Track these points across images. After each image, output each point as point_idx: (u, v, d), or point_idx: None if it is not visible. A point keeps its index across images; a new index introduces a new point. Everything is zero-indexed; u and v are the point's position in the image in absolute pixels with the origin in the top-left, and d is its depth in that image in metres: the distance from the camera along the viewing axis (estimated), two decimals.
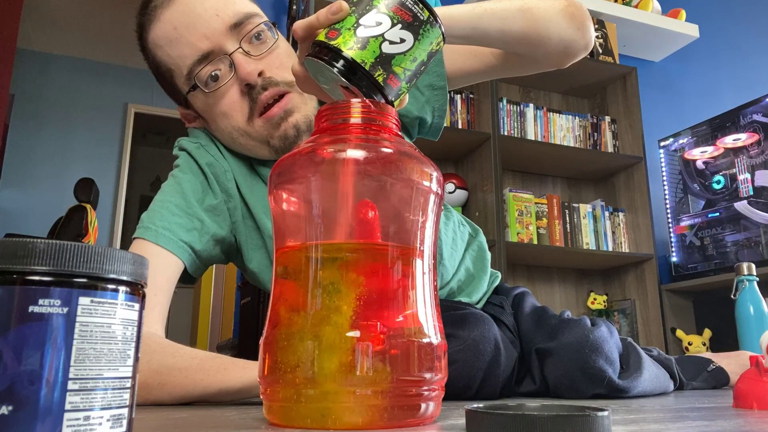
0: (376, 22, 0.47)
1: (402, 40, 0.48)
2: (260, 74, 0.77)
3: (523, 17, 0.76)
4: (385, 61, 0.47)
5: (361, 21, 0.48)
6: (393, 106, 0.50)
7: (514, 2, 0.77)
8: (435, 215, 0.45)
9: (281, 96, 0.79)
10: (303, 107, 0.81)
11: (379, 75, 0.47)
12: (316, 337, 0.40)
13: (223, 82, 0.78)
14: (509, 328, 0.87)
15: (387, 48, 0.48)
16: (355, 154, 0.42)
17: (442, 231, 0.94)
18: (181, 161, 0.85)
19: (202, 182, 0.83)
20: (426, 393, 0.41)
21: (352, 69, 0.47)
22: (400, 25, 0.48)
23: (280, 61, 0.80)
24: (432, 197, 0.45)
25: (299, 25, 0.54)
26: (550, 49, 0.81)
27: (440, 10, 0.68)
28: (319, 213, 0.42)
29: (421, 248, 0.44)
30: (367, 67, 0.47)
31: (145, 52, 0.83)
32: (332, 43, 0.48)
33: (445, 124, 0.93)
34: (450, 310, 0.76)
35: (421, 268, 0.44)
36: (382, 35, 0.48)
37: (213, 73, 0.77)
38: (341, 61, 0.47)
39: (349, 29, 0.48)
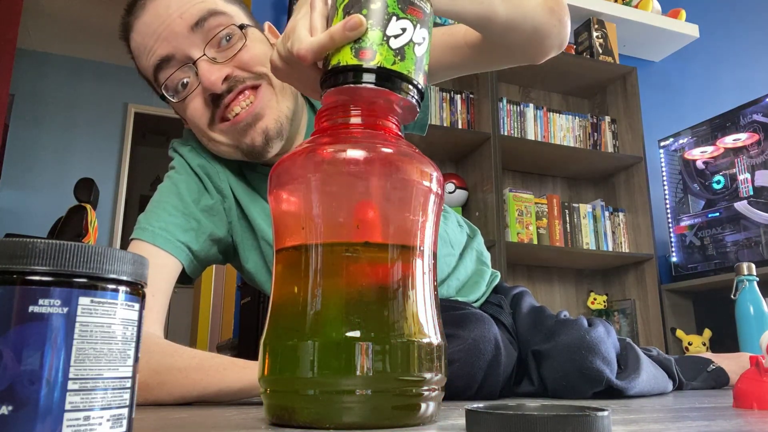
0: (401, 28, 0.45)
1: (423, 39, 0.47)
2: (225, 78, 0.74)
3: (501, 2, 0.73)
4: (419, 64, 0.47)
5: (387, 32, 0.45)
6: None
7: None
8: (435, 215, 0.45)
9: (253, 88, 0.76)
10: (275, 108, 0.78)
11: (420, 78, 0.47)
12: (316, 337, 0.40)
13: (190, 91, 0.76)
14: (507, 328, 0.87)
15: (417, 51, 0.47)
16: (355, 154, 0.42)
17: (440, 229, 0.94)
18: (176, 163, 0.85)
19: (197, 183, 0.83)
20: (426, 393, 0.41)
21: (404, 84, 0.46)
22: (419, 25, 0.47)
23: (250, 56, 0.76)
24: (432, 197, 0.45)
25: (306, 48, 0.47)
26: (523, 39, 0.77)
27: None
28: (319, 213, 0.42)
29: (421, 248, 0.44)
30: (412, 76, 0.46)
31: (134, 61, 0.82)
32: (373, 63, 0.44)
33: (445, 124, 0.93)
34: (450, 310, 0.76)
35: (421, 268, 0.43)
36: (411, 40, 0.46)
37: (184, 81, 0.76)
38: (392, 80, 0.45)
39: (381, 44, 0.45)
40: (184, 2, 0.74)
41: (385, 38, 0.45)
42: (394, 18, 0.45)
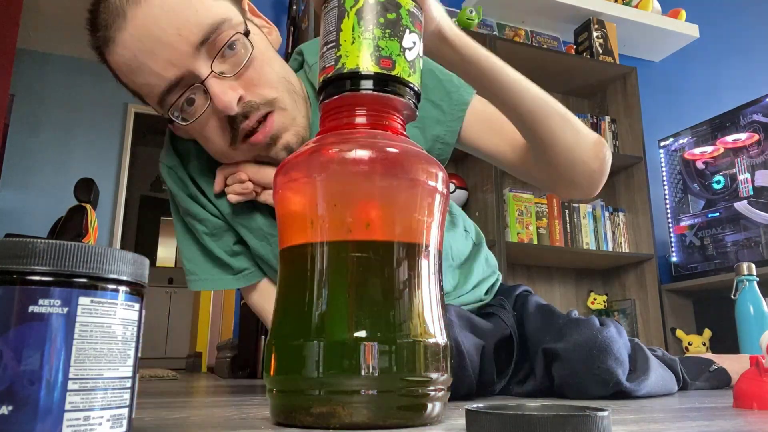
0: (413, 42, 0.46)
1: (423, 53, 0.49)
2: (240, 99, 0.69)
3: (555, 109, 0.76)
4: (421, 78, 0.48)
5: (403, 44, 0.46)
6: None
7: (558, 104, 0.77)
8: (441, 215, 0.45)
9: (265, 116, 0.72)
10: (291, 124, 0.74)
11: (420, 89, 0.48)
12: (322, 337, 0.40)
13: (201, 112, 0.70)
14: (508, 326, 0.86)
15: (421, 64, 0.48)
16: (361, 153, 0.42)
17: (448, 239, 0.94)
18: (172, 199, 0.87)
19: (198, 208, 0.83)
20: (432, 393, 0.41)
21: (417, 98, 0.47)
22: (420, 39, 0.48)
23: (258, 75, 0.71)
24: (438, 197, 0.45)
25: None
26: (561, 157, 0.77)
27: (468, 42, 0.67)
28: (325, 213, 0.42)
29: (427, 248, 0.44)
30: (419, 91, 0.47)
31: (111, 71, 0.73)
32: (394, 73, 0.45)
33: None
34: None
35: (427, 268, 0.43)
36: (419, 54, 0.47)
37: (189, 98, 0.69)
38: (408, 92, 0.46)
39: (399, 55, 0.45)
40: (176, 14, 0.66)
41: (402, 50, 0.45)
42: (407, 31, 0.46)
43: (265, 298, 0.87)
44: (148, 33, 0.65)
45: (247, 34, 0.70)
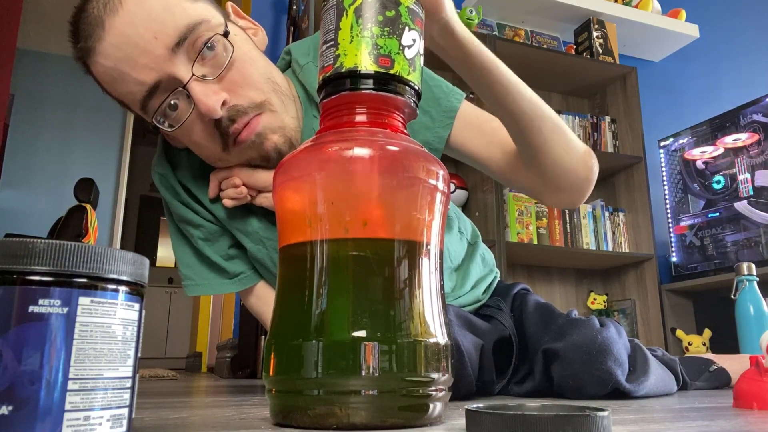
0: (412, 39, 0.46)
1: (424, 50, 0.48)
2: (224, 103, 0.67)
3: (549, 114, 0.76)
4: (421, 75, 0.48)
5: (402, 42, 0.46)
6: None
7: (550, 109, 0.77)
8: (441, 214, 0.45)
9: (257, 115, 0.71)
10: (279, 126, 0.73)
11: (420, 91, 0.48)
12: (321, 336, 0.39)
13: (185, 117, 0.69)
14: (507, 327, 0.86)
15: (421, 61, 0.48)
16: (361, 152, 0.42)
17: (445, 242, 0.93)
18: (161, 193, 0.86)
19: (193, 215, 0.83)
20: (433, 393, 0.41)
21: (416, 96, 0.47)
22: (421, 36, 0.48)
23: (242, 76, 0.70)
24: (438, 195, 0.45)
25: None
26: (551, 163, 0.78)
27: (470, 38, 0.69)
28: (324, 211, 0.42)
29: (428, 247, 0.44)
30: (420, 89, 0.47)
31: (96, 81, 0.73)
32: (392, 71, 0.44)
33: None
34: None
35: (428, 267, 0.43)
36: (419, 52, 0.47)
37: (171, 102, 0.68)
38: (408, 91, 0.46)
39: (398, 53, 0.45)
40: (153, 19, 0.65)
41: (401, 48, 0.45)
42: (407, 29, 0.46)
43: (263, 300, 0.87)
44: (126, 41, 0.65)
45: (226, 35, 0.69)
